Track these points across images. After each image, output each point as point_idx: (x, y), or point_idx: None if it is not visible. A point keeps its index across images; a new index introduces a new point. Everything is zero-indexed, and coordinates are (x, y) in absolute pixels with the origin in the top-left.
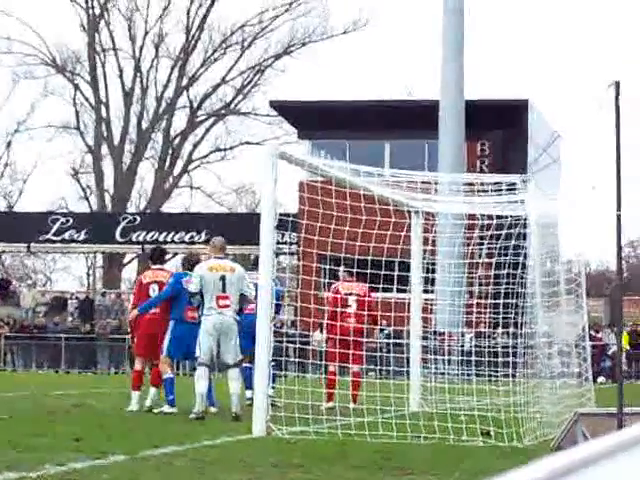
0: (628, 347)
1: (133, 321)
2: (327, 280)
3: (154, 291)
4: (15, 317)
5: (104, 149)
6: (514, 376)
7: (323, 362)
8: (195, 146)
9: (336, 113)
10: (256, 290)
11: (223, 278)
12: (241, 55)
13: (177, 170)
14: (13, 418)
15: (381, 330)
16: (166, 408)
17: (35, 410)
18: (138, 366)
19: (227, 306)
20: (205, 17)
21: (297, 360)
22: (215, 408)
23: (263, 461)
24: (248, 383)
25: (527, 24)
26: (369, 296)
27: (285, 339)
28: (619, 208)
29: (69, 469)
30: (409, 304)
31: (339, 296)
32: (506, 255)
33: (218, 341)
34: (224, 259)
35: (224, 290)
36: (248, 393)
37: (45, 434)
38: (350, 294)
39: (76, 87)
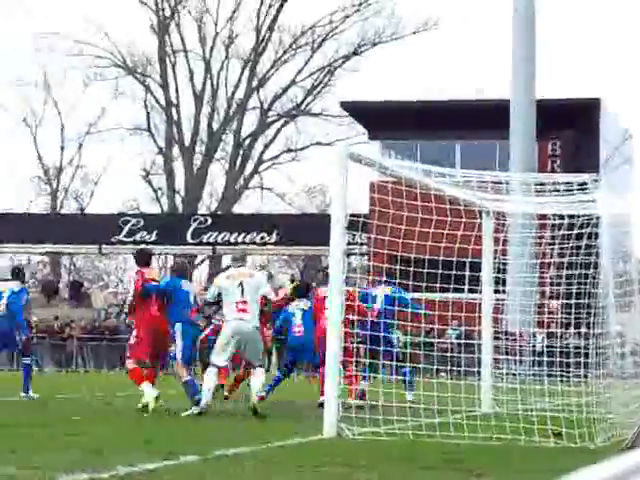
0: None
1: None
2: (397, 281)
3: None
4: (87, 318)
5: (175, 150)
6: (586, 376)
7: (394, 363)
8: (266, 147)
9: (406, 113)
10: None
11: (241, 284)
12: (311, 56)
13: (248, 171)
14: (83, 419)
15: (452, 330)
16: (195, 409)
17: (105, 411)
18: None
19: (244, 310)
20: (275, 18)
21: (368, 361)
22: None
23: (332, 462)
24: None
25: (599, 21)
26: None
27: (357, 340)
28: None
29: (140, 470)
30: (480, 304)
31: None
32: (578, 255)
33: (240, 344)
34: (242, 267)
35: (242, 295)
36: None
37: (114, 435)
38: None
39: (147, 89)
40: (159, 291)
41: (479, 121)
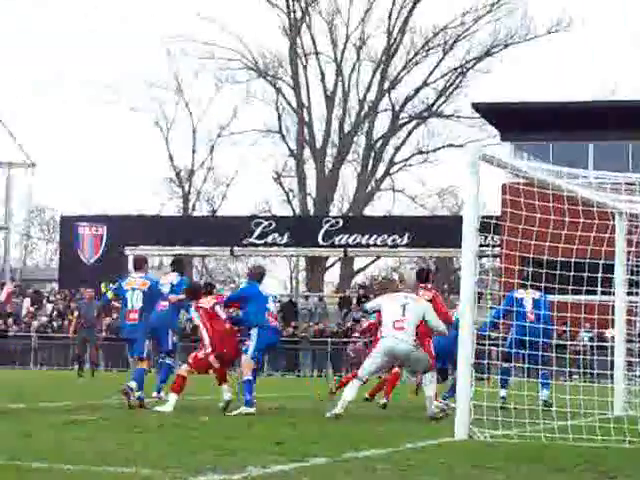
0: None
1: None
2: (530, 282)
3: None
4: None
5: (306, 152)
6: None
7: (526, 365)
8: (397, 149)
9: (539, 114)
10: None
11: (403, 306)
12: (443, 57)
13: (379, 173)
14: (212, 421)
15: (585, 332)
16: (243, 409)
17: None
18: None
19: (402, 328)
20: (407, 20)
21: (499, 363)
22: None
23: (464, 464)
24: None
25: None
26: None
27: (488, 342)
28: None
29: (272, 471)
30: (613, 307)
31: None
32: None
33: (402, 361)
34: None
35: (403, 315)
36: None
37: (245, 436)
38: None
39: (278, 91)
40: (238, 299)
41: (612, 122)
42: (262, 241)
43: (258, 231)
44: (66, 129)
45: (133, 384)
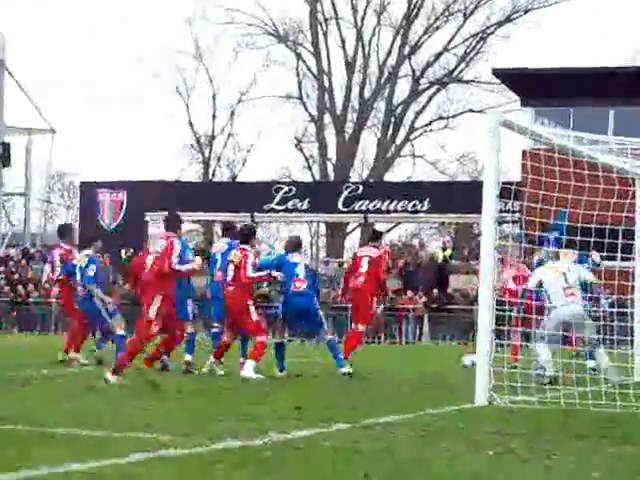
0: None
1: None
2: (550, 248)
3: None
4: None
5: (327, 118)
6: None
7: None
8: (417, 115)
9: (559, 80)
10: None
11: (564, 274)
12: (464, 23)
13: (399, 139)
14: (232, 387)
15: (605, 299)
16: (277, 373)
17: (256, 378)
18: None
19: (573, 294)
20: None
21: (520, 329)
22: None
23: (485, 430)
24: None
25: None
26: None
27: (507, 308)
28: None
29: (293, 437)
30: (633, 273)
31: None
32: None
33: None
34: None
35: (566, 282)
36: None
37: (265, 402)
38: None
39: (298, 57)
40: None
41: (633, 87)
42: (282, 207)
43: (278, 197)
44: (87, 95)
45: (188, 357)
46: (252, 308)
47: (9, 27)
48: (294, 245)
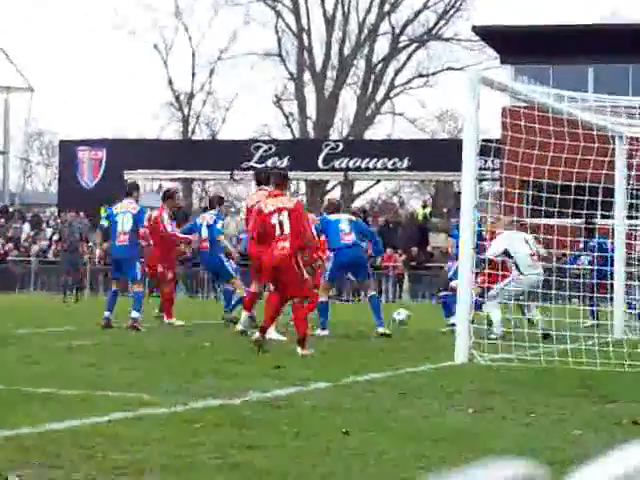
0: None
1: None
2: (530, 206)
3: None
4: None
5: (306, 76)
6: None
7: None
8: (397, 72)
9: (539, 37)
10: None
11: (526, 240)
12: None
13: (379, 96)
14: (214, 345)
15: (585, 256)
16: (319, 331)
17: (235, 337)
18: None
19: (536, 260)
20: None
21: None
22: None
23: (465, 388)
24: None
25: None
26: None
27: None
28: None
29: (272, 396)
30: (613, 230)
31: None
32: None
33: None
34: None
35: (530, 248)
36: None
37: (245, 362)
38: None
39: (278, 14)
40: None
41: (613, 45)
42: (262, 165)
43: (258, 155)
44: (66, 54)
45: (136, 314)
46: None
47: None
48: (334, 207)
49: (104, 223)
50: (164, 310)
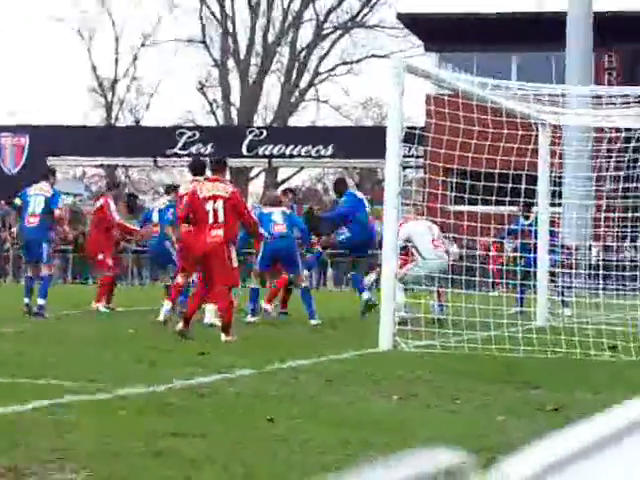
0: None
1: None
2: (453, 193)
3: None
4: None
5: (230, 63)
6: None
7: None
8: (321, 59)
9: (463, 25)
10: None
11: (429, 227)
12: None
13: (303, 83)
14: (138, 333)
15: (508, 244)
16: (249, 317)
17: (159, 325)
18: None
19: (439, 246)
20: None
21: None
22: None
23: (390, 375)
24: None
25: None
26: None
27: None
28: None
29: (196, 383)
30: (536, 218)
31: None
32: (634, 168)
33: None
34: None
35: (433, 234)
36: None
37: (169, 349)
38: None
39: (202, 1)
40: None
41: (536, 33)
42: (186, 152)
43: (182, 141)
44: None
45: (42, 301)
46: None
47: None
48: (273, 201)
49: (17, 202)
50: (98, 294)
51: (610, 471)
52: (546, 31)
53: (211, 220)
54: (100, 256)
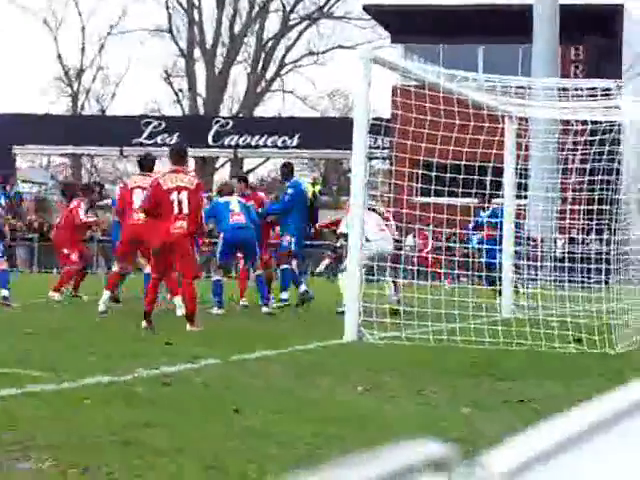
0: None
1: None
2: (420, 185)
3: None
4: (108, 221)
5: (196, 53)
6: (607, 282)
7: (415, 267)
8: (288, 50)
9: (430, 17)
10: None
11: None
12: None
13: (270, 74)
14: (104, 322)
15: (474, 235)
16: (215, 310)
17: (124, 314)
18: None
19: (384, 230)
20: None
21: (389, 265)
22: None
23: (357, 366)
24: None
25: None
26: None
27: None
28: None
29: (162, 373)
30: (502, 210)
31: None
32: (600, 161)
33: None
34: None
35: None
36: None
37: (134, 339)
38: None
39: None
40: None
41: (502, 25)
42: (151, 141)
43: (147, 131)
44: None
45: (5, 292)
46: None
47: None
48: (228, 190)
49: None
50: (59, 282)
51: (598, 460)
52: (513, 23)
53: (176, 210)
54: (65, 250)
